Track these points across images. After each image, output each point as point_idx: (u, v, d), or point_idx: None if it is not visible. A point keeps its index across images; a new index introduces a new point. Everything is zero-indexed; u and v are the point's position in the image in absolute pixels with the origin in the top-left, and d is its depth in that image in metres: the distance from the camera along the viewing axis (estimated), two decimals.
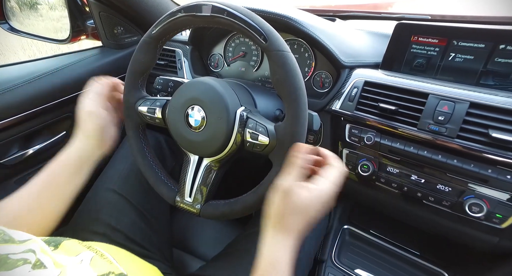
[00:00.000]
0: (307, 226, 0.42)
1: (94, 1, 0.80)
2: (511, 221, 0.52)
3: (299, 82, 0.43)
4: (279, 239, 0.41)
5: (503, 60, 0.57)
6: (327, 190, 0.41)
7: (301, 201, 0.40)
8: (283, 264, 0.40)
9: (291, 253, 0.41)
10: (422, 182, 0.59)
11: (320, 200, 0.41)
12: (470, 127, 0.52)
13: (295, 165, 0.42)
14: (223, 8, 0.44)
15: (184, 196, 0.56)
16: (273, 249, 0.41)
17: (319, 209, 0.41)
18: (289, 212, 0.41)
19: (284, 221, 0.41)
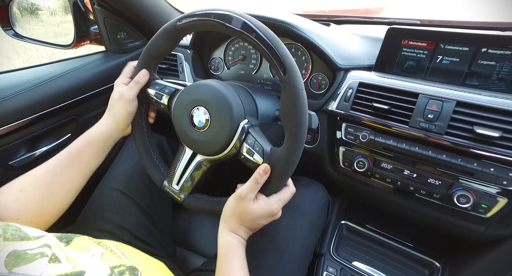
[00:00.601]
0: (252, 230, 0.52)
1: (99, 8, 0.83)
2: (495, 211, 0.56)
3: (304, 120, 0.46)
4: (229, 233, 0.51)
5: (485, 62, 0.62)
6: (275, 206, 0.50)
7: (250, 211, 0.49)
8: (237, 248, 0.50)
9: (242, 242, 0.51)
10: (414, 176, 0.63)
11: (266, 214, 0.50)
12: (457, 124, 0.57)
13: (257, 182, 0.49)
14: (253, 28, 0.45)
15: (172, 182, 0.59)
16: (225, 239, 0.51)
17: (263, 221, 0.51)
18: (238, 216, 0.50)
19: (233, 221, 0.51)
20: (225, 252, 0.50)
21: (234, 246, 0.50)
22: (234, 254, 0.49)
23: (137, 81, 0.60)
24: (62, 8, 0.92)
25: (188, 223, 0.86)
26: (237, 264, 0.49)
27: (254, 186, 0.49)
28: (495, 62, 0.61)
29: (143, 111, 0.63)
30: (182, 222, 0.86)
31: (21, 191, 0.51)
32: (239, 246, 0.50)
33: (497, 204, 0.56)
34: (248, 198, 0.49)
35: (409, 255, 0.77)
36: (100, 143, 0.59)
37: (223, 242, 0.51)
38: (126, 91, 0.59)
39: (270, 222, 0.52)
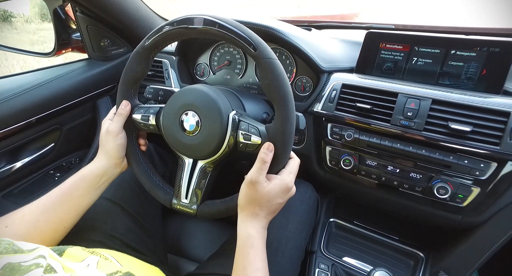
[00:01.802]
0: (271, 212, 0.51)
1: (82, 15, 0.82)
2: (470, 199, 0.61)
3: (287, 87, 0.48)
4: (248, 222, 0.50)
5: (455, 63, 0.67)
6: (288, 179, 0.50)
7: (266, 193, 0.48)
8: (255, 239, 0.49)
9: (261, 232, 0.50)
10: (397, 171, 0.67)
11: (282, 190, 0.50)
12: (434, 120, 0.61)
13: (264, 161, 0.49)
14: (214, 21, 0.48)
15: (181, 198, 0.58)
16: (244, 230, 0.50)
17: (280, 199, 0.50)
18: (254, 202, 0.49)
19: (251, 209, 0.50)
20: (243, 243, 0.49)
21: (252, 237, 0.49)
22: (252, 246, 0.49)
23: (120, 113, 0.60)
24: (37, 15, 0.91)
25: (179, 228, 0.86)
26: (254, 256, 0.48)
27: (262, 166, 0.48)
28: (463, 63, 0.66)
29: (134, 139, 0.63)
30: (173, 227, 0.85)
31: (7, 226, 0.49)
32: (257, 237, 0.50)
33: (471, 193, 0.60)
34: (260, 181, 0.48)
35: (395, 248, 0.80)
36: (94, 180, 0.58)
37: (241, 233, 0.50)
38: (111, 126, 0.59)
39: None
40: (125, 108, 0.60)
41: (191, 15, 0.50)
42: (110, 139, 0.59)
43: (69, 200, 0.55)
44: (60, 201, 0.54)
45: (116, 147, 0.59)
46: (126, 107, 0.60)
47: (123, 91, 0.60)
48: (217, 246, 0.74)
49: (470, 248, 0.66)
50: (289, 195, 0.52)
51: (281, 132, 0.49)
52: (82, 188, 0.57)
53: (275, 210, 0.52)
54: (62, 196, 0.55)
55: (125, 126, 0.61)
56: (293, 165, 0.52)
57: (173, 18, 0.52)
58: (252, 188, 0.49)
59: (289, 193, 0.52)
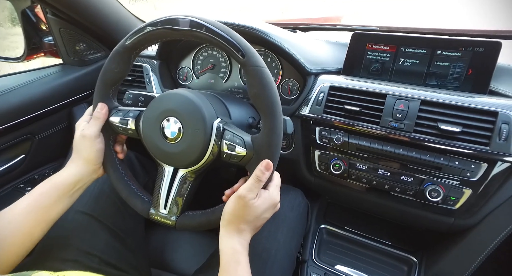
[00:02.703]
0: (257, 228, 0.50)
1: (53, 17, 0.77)
2: (462, 201, 0.60)
3: (275, 96, 0.46)
4: (234, 237, 0.48)
5: (441, 63, 0.67)
6: (275, 193, 0.49)
7: (254, 209, 0.47)
8: (241, 255, 0.46)
9: (246, 247, 0.48)
10: (388, 175, 0.65)
11: (270, 206, 0.49)
12: (423, 122, 0.60)
13: (260, 180, 0.47)
14: (201, 23, 0.45)
15: (159, 208, 0.55)
16: (230, 245, 0.47)
17: (267, 214, 0.49)
18: (241, 218, 0.47)
19: (237, 224, 0.48)
20: (228, 259, 0.46)
21: (238, 253, 0.47)
22: (239, 262, 0.46)
23: (97, 117, 0.56)
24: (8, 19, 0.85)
25: (164, 240, 0.82)
26: (242, 273, 0.46)
27: (256, 184, 0.47)
28: (449, 63, 0.66)
29: (111, 144, 0.59)
30: (157, 240, 0.81)
31: None
32: (243, 252, 0.47)
33: (463, 195, 0.59)
34: (250, 197, 0.46)
35: (388, 253, 0.79)
36: (67, 187, 0.54)
37: (226, 248, 0.47)
38: (88, 130, 0.55)
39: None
40: (101, 112, 0.56)
41: (177, 15, 0.47)
42: (86, 144, 0.55)
43: (37, 210, 0.50)
44: (27, 210, 0.49)
45: (94, 152, 0.55)
46: (102, 110, 0.56)
47: (101, 92, 0.56)
48: (204, 258, 0.71)
49: (463, 252, 0.65)
50: (276, 209, 0.51)
51: (267, 144, 0.47)
52: (54, 196, 0.52)
53: (260, 225, 0.51)
54: (29, 206, 0.50)
55: (102, 130, 0.57)
56: (277, 178, 0.51)
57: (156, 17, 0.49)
58: (241, 203, 0.47)
59: (276, 208, 0.51)
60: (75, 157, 0.56)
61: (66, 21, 0.78)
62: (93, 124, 0.55)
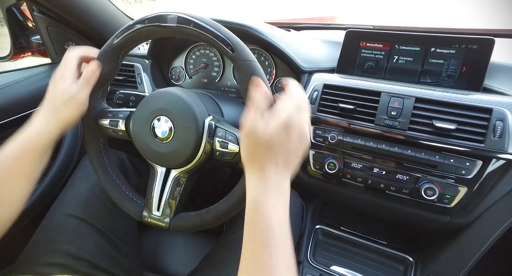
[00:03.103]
0: (288, 157, 0.38)
1: (40, 15, 0.75)
2: (458, 200, 0.59)
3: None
4: (258, 181, 0.37)
5: (435, 61, 0.66)
6: (291, 110, 0.38)
7: (267, 135, 0.36)
8: (267, 207, 0.35)
9: (280, 192, 0.37)
10: (383, 173, 0.65)
11: (288, 123, 0.37)
12: (418, 119, 0.59)
13: (254, 99, 0.39)
14: (189, 19, 0.45)
15: (152, 210, 0.54)
16: (252, 195, 0.37)
17: (292, 133, 0.37)
18: (258, 150, 0.37)
19: (257, 160, 0.37)
20: (251, 221, 0.36)
21: (264, 206, 0.35)
22: (264, 221, 0.35)
23: (88, 78, 0.51)
24: None
25: (157, 243, 0.80)
26: (268, 242, 0.34)
27: (255, 109, 0.38)
28: (443, 61, 0.66)
29: (101, 147, 0.57)
30: (150, 243, 0.79)
31: None
32: (273, 202, 0.35)
33: (458, 193, 0.59)
34: (257, 122, 0.37)
35: (384, 253, 0.78)
36: (42, 148, 0.49)
37: (249, 201, 0.37)
38: (79, 93, 0.49)
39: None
40: (94, 73, 0.51)
41: (165, 12, 0.46)
42: (72, 107, 0.50)
43: (11, 180, 0.46)
44: (3, 178, 0.45)
45: (77, 116, 0.51)
46: (96, 72, 0.51)
47: (90, 95, 0.54)
48: (198, 259, 0.69)
49: (459, 251, 0.64)
50: (297, 134, 0.38)
51: None
52: (29, 161, 0.47)
53: (288, 156, 0.38)
54: (8, 173, 0.46)
55: (92, 133, 0.55)
56: (292, 90, 0.40)
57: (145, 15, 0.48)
58: (250, 137, 0.38)
59: (296, 132, 0.38)
60: (50, 112, 0.49)
61: (54, 19, 0.76)
62: (84, 88, 0.50)
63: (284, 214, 0.36)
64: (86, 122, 0.55)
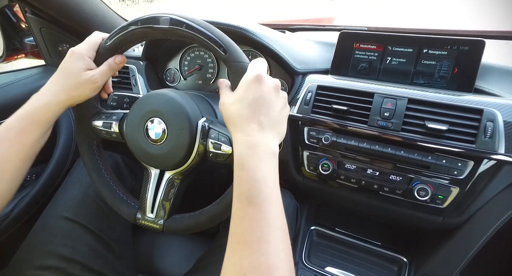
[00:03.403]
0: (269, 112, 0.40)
1: (33, 17, 0.74)
2: (450, 200, 0.59)
3: None
4: (244, 141, 0.38)
5: (428, 62, 0.67)
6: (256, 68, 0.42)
7: (238, 93, 0.41)
8: (253, 163, 0.37)
9: (264, 148, 0.38)
10: (377, 174, 0.65)
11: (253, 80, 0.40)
12: (411, 120, 0.60)
13: (225, 84, 0.46)
14: (181, 21, 0.45)
15: (146, 212, 0.54)
16: (239, 152, 0.38)
17: (264, 83, 0.40)
18: (235, 112, 0.40)
19: (238, 123, 0.40)
20: (238, 172, 0.37)
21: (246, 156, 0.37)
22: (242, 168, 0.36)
23: (112, 67, 0.51)
24: None
25: (151, 245, 0.80)
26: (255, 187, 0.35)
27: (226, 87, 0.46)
28: (435, 62, 0.66)
29: (95, 149, 0.57)
30: (145, 245, 0.78)
31: None
32: (260, 154, 0.37)
33: (451, 194, 0.59)
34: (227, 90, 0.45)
35: (378, 254, 0.78)
36: (47, 122, 0.49)
37: (236, 157, 0.38)
38: (100, 77, 0.50)
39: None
40: (120, 64, 0.52)
41: (157, 14, 0.46)
42: (89, 88, 0.50)
43: (19, 149, 0.46)
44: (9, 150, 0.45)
45: (87, 97, 0.51)
46: (121, 63, 0.52)
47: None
48: (193, 260, 0.69)
49: (452, 251, 0.64)
50: (268, 84, 0.41)
51: None
52: (32, 134, 0.47)
53: (266, 107, 0.40)
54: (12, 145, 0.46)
55: (85, 134, 0.55)
56: (254, 61, 0.44)
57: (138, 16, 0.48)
58: (223, 107, 0.42)
59: (266, 83, 0.41)
60: (61, 88, 0.49)
61: (47, 20, 0.76)
62: (106, 74, 0.51)
63: (272, 174, 0.37)
64: (79, 123, 0.55)
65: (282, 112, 0.43)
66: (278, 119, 0.42)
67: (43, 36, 0.77)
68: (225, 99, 0.43)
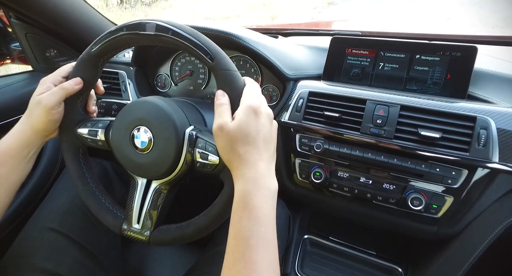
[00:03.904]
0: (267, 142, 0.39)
1: (18, 22, 0.73)
2: (445, 210, 0.58)
3: None
4: (247, 175, 0.37)
5: (420, 68, 0.66)
6: (249, 99, 0.39)
7: (236, 127, 0.38)
8: (249, 196, 0.36)
9: (262, 182, 0.37)
10: (370, 183, 0.63)
11: (251, 113, 0.39)
12: (403, 128, 0.58)
13: (222, 103, 0.41)
14: (167, 27, 0.44)
15: (132, 223, 0.52)
16: (242, 186, 0.37)
17: (256, 122, 0.39)
18: (235, 143, 0.38)
19: (237, 154, 0.38)
20: (236, 206, 0.37)
21: (247, 194, 0.36)
22: (245, 206, 0.35)
23: (64, 87, 0.50)
24: None
25: (141, 256, 0.77)
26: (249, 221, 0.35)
27: (219, 109, 0.40)
28: (428, 68, 0.65)
29: (80, 156, 0.55)
30: (133, 257, 0.76)
31: None
32: (254, 190, 0.36)
33: (445, 203, 0.58)
34: (225, 121, 0.39)
35: (373, 264, 0.76)
36: (21, 153, 0.50)
37: (238, 189, 0.37)
38: (47, 97, 0.48)
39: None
40: (74, 86, 0.50)
41: (143, 20, 0.45)
42: (39, 112, 0.49)
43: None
44: None
45: (46, 122, 0.49)
46: (76, 85, 0.50)
47: (68, 102, 0.53)
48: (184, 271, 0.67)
49: (448, 261, 0.63)
50: (265, 116, 0.40)
51: None
52: (9, 163, 0.49)
53: (266, 143, 0.39)
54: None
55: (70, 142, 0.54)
56: (249, 86, 0.42)
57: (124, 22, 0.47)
58: (222, 134, 0.39)
59: (263, 115, 0.40)
60: (24, 120, 0.50)
61: (33, 25, 0.74)
62: (55, 93, 0.49)
63: (273, 213, 0.37)
64: (63, 131, 0.54)
65: (275, 141, 0.43)
66: (274, 150, 0.42)
67: (29, 41, 0.76)
68: (225, 126, 0.39)
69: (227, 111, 0.40)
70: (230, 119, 0.39)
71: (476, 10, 4.38)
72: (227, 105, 0.41)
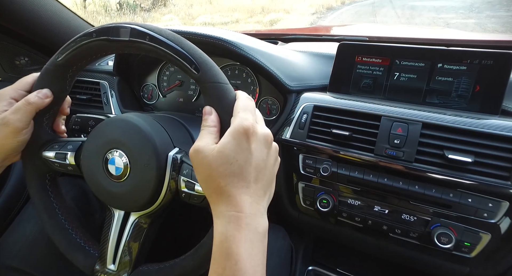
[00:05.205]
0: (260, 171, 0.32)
1: None
2: (480, 249, 0.48)
3: None
4: (226, 213, 0.31)
5: (443, 78, 0.57)
6: (241, 118, 0.32)
7: (218, 152, 0.31)
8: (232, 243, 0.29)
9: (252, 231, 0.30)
10: (386, 212, 0.54)
11: (240, 134, 0.32)
12: (426, 149, 0.50)
13: (206, 125, 0.34)
14: (144, 32, 0.37)
15: (106, 263, 0.46)
16: (221, 229, 0.30)
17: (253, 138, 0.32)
18: (213, 170, 0.31)
19: (216, 185, 0.31)
20: (217, 253, 0.30)
21: (229, 240, 0.29)
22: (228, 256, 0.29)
23: (31, 101, 0.41)
24: None
25: None
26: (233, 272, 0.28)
27: (205, 131, 0.34)
28: (452, 78, 0.56)
29: (47, 183, 0.48)
30: None
31: None
32: (238, 235, 0.29)
33: (481, 241, 0.48)
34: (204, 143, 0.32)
35: None
36: None
37: (217, 234, 0.31)
38: (13, 115, 0.40)
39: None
40: (44, 99, 0.42)
41: (116, 23, 0.38)
42: (5, 133, 0.40)
43: None
44: None
45: (13, 144, 0.41)
46: (45, 98, 0.42)
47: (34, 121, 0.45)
48: None
49: None
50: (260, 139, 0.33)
51: None
52: None
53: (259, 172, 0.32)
54: None
55: (34, 167, 0.46)
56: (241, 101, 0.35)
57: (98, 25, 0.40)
58: (197, 158, 0.32)
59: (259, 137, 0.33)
60: None
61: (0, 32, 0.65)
62: (21, 110, 0.40)
63: (262, 261, 0.30)
64: (26, 155, 0.46)
65: (274, 170, 0.36)
66: (270, 181, 0.35)
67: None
68: (202, 149, 0.32)
69: (211, 133, 0.34)
70: (213, 141, 0.33)
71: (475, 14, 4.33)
72: (214, 126, 0.34)
